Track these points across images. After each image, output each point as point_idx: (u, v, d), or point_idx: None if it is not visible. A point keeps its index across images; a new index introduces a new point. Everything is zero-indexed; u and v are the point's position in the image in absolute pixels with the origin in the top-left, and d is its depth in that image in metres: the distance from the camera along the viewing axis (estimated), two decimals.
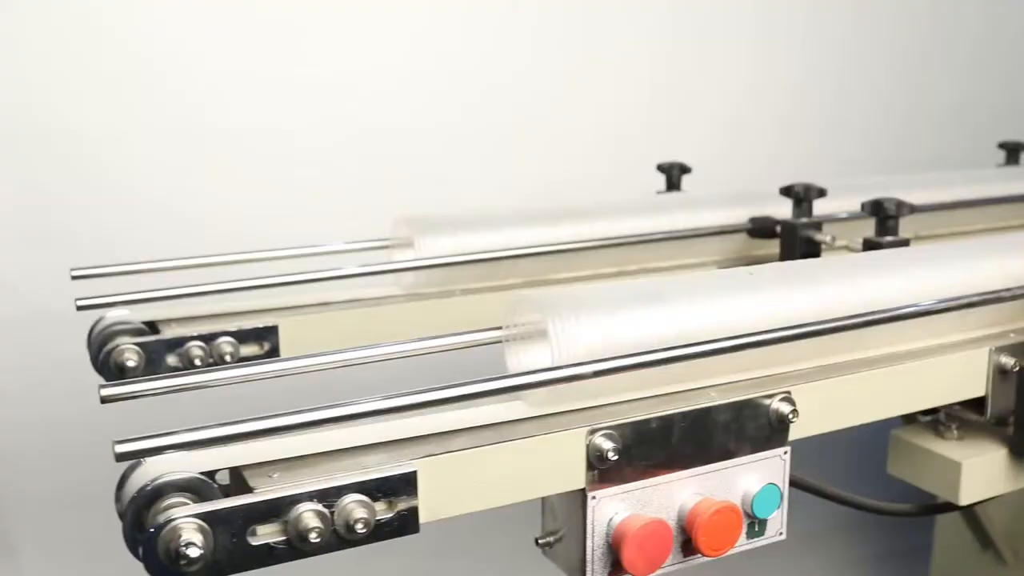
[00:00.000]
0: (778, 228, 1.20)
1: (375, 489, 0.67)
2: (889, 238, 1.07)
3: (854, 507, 0.97)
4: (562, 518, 0.78)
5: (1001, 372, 0.93)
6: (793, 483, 0.93)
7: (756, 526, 0.83)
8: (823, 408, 0.85)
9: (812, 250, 1.16)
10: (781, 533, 0.84)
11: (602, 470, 0.75)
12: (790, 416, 0.81)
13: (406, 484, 0.68)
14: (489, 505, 0.72)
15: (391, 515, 0.67)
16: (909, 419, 1.03)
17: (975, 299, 0.90)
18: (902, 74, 2.14)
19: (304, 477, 0.66)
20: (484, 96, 1.76)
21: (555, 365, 0.74)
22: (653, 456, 0.77)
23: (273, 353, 1.02)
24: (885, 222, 1.07)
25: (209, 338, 0.99)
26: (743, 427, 0.80)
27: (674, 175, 1.38)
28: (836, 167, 2.01)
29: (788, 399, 0.81)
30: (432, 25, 1.71)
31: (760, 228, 1.21)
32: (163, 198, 1.55)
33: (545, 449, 0.73)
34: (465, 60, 1.73)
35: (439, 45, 1.71)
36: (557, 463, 0.73)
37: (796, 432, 0.83)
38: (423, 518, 0.69)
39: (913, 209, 1.07)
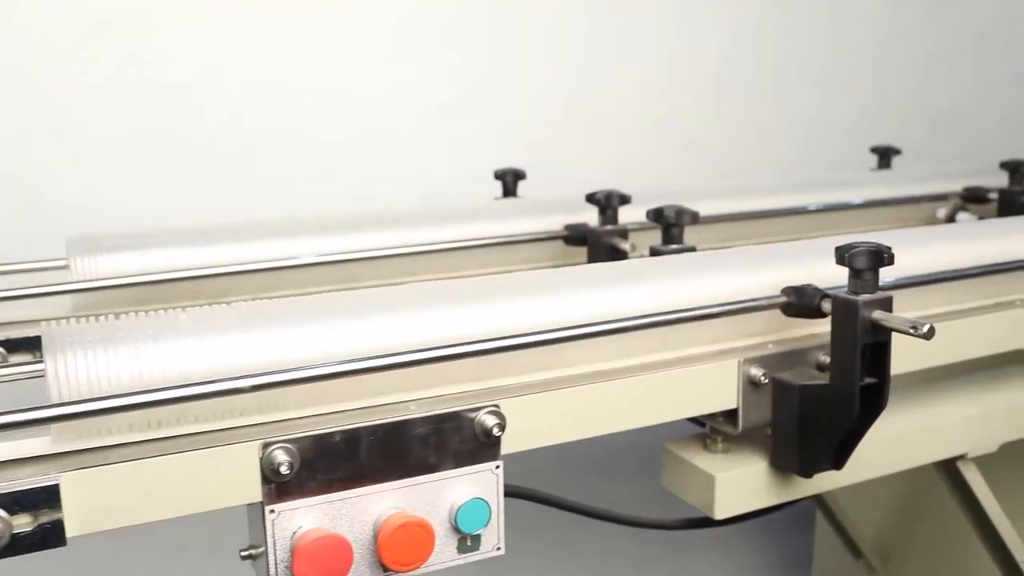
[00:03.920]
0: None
1: (13, 503, 0.67)
2: (674, 246, 1.06)
3: (611, 521, 0.96)
4: (257, 532, 0.78)
5: (751, 384, 0.91)
6: (528, 497, 0.93)
7: (469, 541, 0.82)
8: (545, 421, 0.84)
9: (617, 257, 1.15)
10: (499, 548, 0.83)
11: (280, 483, 0.74)
12: (494, 429, 0.80)
13: (48, 497, 0.67)
14: (153, 518, 0.71)
15: (32, 528, 0.67)
16: None
17: (714, 310, 0.88)
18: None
19: None
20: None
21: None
22: (340, 470, 0.76)
23: None
24: (669, 230, 1.05)
25: None
26: (445, 441, 0.79)
27: (508, 181, 1.36)
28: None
29: (495, 412, 0.80)
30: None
31: (573, 236, 1.19)
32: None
33: (215, 462, 0.72)
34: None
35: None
36: (229, 476, 0.73)
37: (513, 445, 0.82)
38: (72, 531, 0.68)
39: (696, 218, 1.05)
